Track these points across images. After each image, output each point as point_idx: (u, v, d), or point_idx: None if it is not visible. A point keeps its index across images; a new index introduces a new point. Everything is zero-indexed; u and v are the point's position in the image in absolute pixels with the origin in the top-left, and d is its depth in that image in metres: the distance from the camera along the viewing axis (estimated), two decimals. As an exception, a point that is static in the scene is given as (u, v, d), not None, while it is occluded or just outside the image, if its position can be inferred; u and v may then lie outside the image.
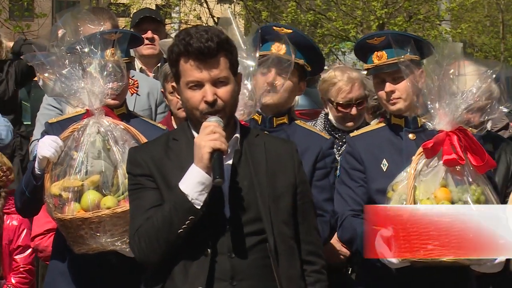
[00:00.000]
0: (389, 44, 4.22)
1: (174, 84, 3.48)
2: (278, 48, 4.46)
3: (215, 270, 3.41)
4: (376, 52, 4.29)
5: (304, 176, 3.69)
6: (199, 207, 3.35)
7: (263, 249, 3.44)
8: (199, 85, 3.44)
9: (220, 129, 3.38)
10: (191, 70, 3.43)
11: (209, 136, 3.35)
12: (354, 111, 5.33)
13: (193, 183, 3.36)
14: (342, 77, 5.34)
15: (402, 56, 4.18)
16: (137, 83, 5.80)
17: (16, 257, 5.48)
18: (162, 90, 5.44)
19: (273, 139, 3.71)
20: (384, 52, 4.26)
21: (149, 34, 6.50)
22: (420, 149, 3.98)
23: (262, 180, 3.49)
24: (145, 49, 6.44)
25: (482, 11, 30.46)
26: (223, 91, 3.45)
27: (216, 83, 3.44)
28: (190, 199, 3.35)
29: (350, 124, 5.34)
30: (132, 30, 6.36)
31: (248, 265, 3.43)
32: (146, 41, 6.28)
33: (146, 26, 6.60)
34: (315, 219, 3.68)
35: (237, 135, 3.53)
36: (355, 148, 4.34)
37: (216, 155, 3.34)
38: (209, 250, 3.40)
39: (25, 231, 5.47)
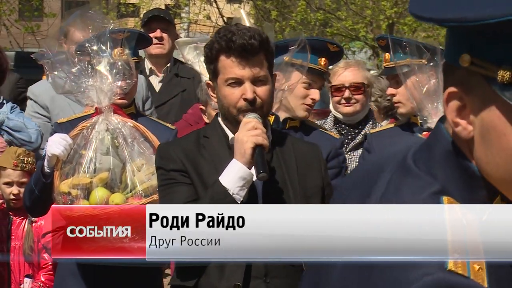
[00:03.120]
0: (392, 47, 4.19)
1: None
2: (324, 62, 4.45)
3: (251, 268, 3.39)
4: (385, 53, 4.28)
5: (329, 179, 3.67)
6: (239, 202, 3.29)
7: None
8: (238, 82, 3.41)
9: (261, 125, 3.36)
10: (232, 67, 3.40)
11: (251, 132, 3.33)
12: (347, 94, 5.15)
13: (235, 178, 3.32)
14: (340, 63, 5.26)
15: (399, 61, 4.11)
16: None
17: (44, 254, 5.47)
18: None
19: (299, 141, 3.71)
20: (387, 54, 4.25)
21: (158, 33, 6.47)
22: None
23: (294, 180, 3.49)
24: (154, 48, 6.40)
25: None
26: (262, 90, 3.43)
27: (256, 81, 3.42)
28: (231, 193, 3.31)
29: (346, 109, 5.18)
30: (142, 30, 6.36)
31: (281, 263, 3.42)
32: (155, 40, 6.26)
33: (155, 25, 6.57)
34: None
35: (269, 134, 3.52)
36: (371, 144, 4.36)
37: (258, 150, 3.32)
38: None
39: (52, 229, 5.46)
